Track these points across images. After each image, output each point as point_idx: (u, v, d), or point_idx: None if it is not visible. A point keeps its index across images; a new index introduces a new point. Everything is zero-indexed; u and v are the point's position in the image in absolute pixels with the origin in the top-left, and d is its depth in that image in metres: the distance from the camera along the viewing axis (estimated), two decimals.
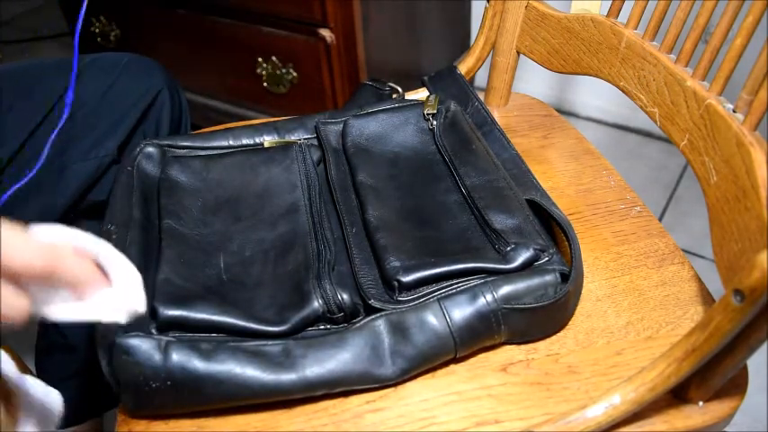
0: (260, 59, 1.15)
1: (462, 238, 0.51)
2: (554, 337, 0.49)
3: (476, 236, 0.51)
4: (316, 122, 0.62)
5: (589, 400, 0.43)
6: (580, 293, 0.52)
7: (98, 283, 0.34)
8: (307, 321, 0.46)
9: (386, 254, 0.49)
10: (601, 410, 0.42)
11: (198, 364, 0.42)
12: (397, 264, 0.48)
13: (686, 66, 0.56)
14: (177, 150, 0.60)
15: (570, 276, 0.48)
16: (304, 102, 1.16)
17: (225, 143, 0.61)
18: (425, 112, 0.62)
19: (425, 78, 0.70)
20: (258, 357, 0.44)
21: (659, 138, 1.39)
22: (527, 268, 0.48)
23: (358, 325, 0.46)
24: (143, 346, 0.42)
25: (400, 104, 0.64)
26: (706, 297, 0.52)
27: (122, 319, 0.35)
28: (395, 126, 0.62)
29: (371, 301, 0.47)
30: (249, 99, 1.23)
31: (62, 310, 0.33)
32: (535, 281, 0.47)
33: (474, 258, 0.48)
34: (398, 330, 0.46)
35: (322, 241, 0.51)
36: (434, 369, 0.47)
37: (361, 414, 0.45)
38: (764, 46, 0.46)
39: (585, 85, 1.44)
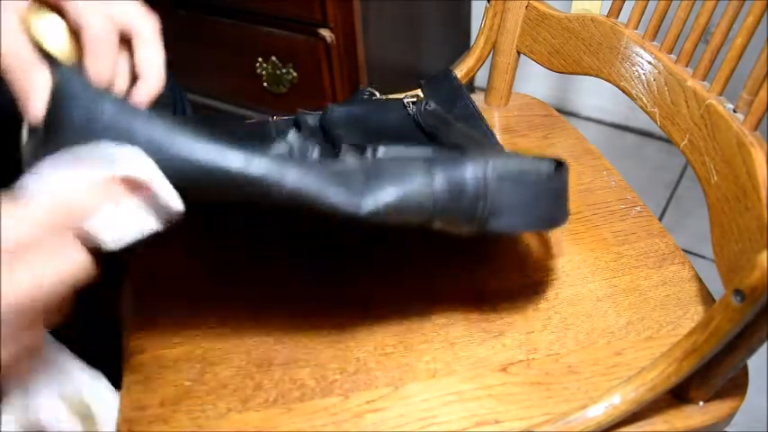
0: (260, 59, 1.15)
1: None
2: (554, 337, 0.49)
3: None
4: (297, 112, 0.62)
5: (589, 400, 0.43)
6: (567, 208, 0.47)
7: (125, 196, 0.34)
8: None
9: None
10: (601, 410, 0.42)
11: (137, 121, 0.35)
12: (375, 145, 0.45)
13: (686, 66, 0.56)
14: None
15: (564, 165, 0.44)
16: (304, 102, 1.16)
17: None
18: (406, 101, 0.62)
19: (422, 82, 0.70)
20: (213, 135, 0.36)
21: (659, 138, 1.39)
22: None
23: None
24: None
25: (382, 99, 0.64)
26: (706, 297, 0.52)
27: (163, 221, 0.34)
28: (374, 110, 0.62)
29: (344, 146, 0.44)
30: (249, 99, 1.23)
31: (105, 235, 0.33)
32: (528, 160, 0.43)
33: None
34: (372, 171, 0.40)
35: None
36: (434, 368, 0.48)
37: (361, 414, 0.45)
38: (764, 46, 0.46)
39: (585, 85, 1.44)
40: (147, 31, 0.42)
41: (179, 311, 0.52)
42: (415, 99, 0.62)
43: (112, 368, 0.49)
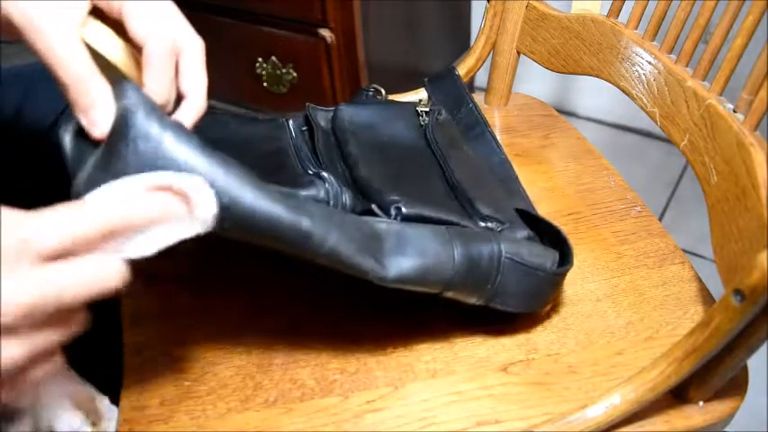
0: (260, 59, 1.15)
1: (455, 213, 0.50)
2: (554, 337, 0.49)
3: (466, 217, 0.50)
4: (306, 109, 0.61)
5: (589, 400, 0.43)
6: (561, 289, 0.51)
7: (172, 207, 0.34)
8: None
9: (384, 191, 0.47)
10: (601, 410, 0.42)
11: (196, 154, 0.35)
12: (396, 197, 0.46)
13: (686, 66, 0.56)
14: None
15: (567, 259, 0.47)
16: (304, 102, 1.15)
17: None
18: (419, 109, 0.62)
19: (426, 80, 0.70)
20: (260, 183, 0.37)
21: (659, 138, 1.39)
22: None
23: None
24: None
25: (393, 102, 0.64)
26: (706, 297, 0.52)
27: (201, 228, 0.35)
28: (386, 118, 0.61)
29: (374, 206, 0.45)
30: (249, 99, 1.23)
31: (145, 245, 0.33)
32: (537, 247, 0.47)
33: (471, 223, 0.47)
34: (401, 239, 0.42)
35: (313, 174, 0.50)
36: (434, 368, 0.48)
37: (361, 414, 0.45)
38: (764, 46, 0.46)
39: (585, 85, 1.44)
40: (196, 50, 0.41)
41: (179, 311, 0.52)
42: (427, 109, 0.62)
43: (112, 368, 0.49)
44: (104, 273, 0.32)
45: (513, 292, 0.47)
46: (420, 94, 0.70)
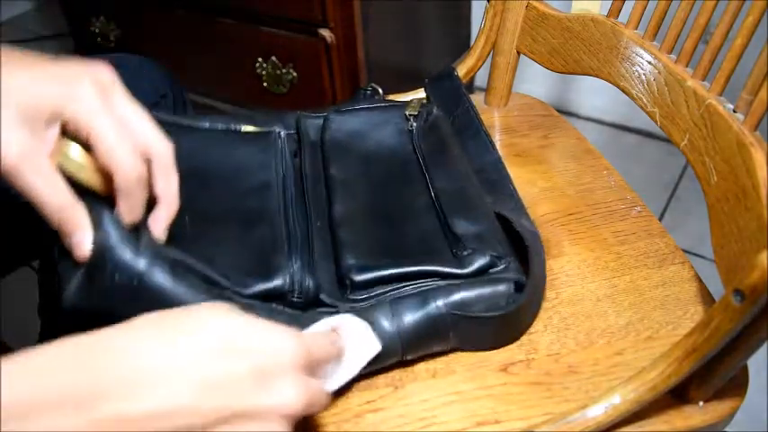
0: (260, 59, 1.15)
1: (423, 240, 0.52)
2: (554, 337, 0.49)
3: (437, 239, 0.51)
4: (297, 115, 0.62)
5: (589, 400, 0.43)
6: (538, 307, 0.51)
7: (341, 348, 0.43)
8: (267, 295, 0.46)
9: (343, 250, 0.49)
10: (601, 410, 0.42)
11: (166, 279, 0.41)
12: (351, 262, 0.48)
13: (686, 66, 0.56)
14: None
15: (525, 289, 0.48)
16: (304, 102, 1.16)
17: (199, 124, 0.59)
18: (407, 113, 0.62)
19: (426, 82, 0.70)
20: (215, 296, 0.43)
21: (659, 138, 1.39)
22: (482, 275, 0.48)
23: (308, 315, 0.46)
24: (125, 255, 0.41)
25: (383, 104, 0.64)
26: (706, 297, 0.52)
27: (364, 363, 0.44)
28: (375, 124, 0.62)
29: (322, 296, 0.47)
30: (249, 99, 1.23)
31: (335, 381, 0.43)
32: (487, 290, 0.47)
33: (430, 261, 0.49)
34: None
35: (292, 225, 0.52)
36: (434, 368, 0.48)
37: (362, 414, 0.45)
38: (764, 46, 0.46)
39: (585, 85, 1.44)
40: (165, 156, 0.43)
41: None
42: (416, 113, 0.62)
43: None
44: (327, 395, 0.39)
45: (477, 337, 0.48)
46: (419, 94, 0.70)
